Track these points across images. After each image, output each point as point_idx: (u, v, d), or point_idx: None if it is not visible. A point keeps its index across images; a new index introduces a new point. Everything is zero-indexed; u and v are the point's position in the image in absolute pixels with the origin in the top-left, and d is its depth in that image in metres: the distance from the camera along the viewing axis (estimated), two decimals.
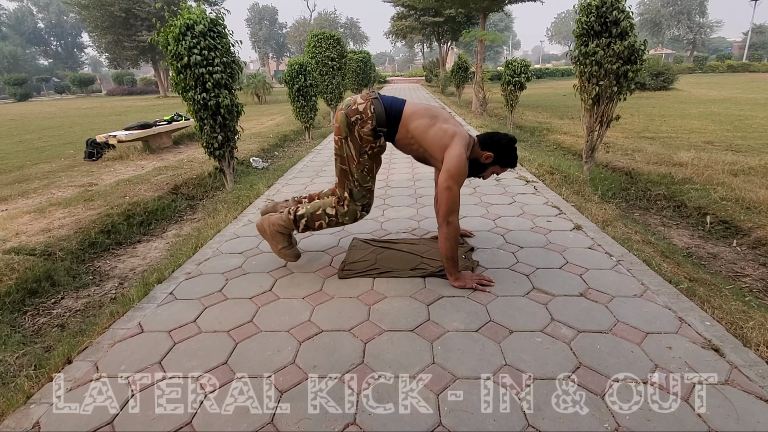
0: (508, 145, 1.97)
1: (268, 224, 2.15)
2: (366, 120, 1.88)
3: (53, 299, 2.24)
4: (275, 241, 2.15)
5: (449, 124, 1.93)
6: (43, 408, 1.32)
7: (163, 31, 3.48)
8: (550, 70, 35.50)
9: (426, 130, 1.89)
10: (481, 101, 9.45)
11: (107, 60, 28.61)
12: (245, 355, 1.53)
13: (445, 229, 1.86)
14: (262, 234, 2.20)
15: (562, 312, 1.72)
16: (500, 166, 2.02)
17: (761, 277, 2.31)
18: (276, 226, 2.13)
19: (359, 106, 1.89)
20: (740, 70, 30.93)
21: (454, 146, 1.84)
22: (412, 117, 1.92)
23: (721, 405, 1.23)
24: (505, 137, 1.99)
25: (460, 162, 1.82)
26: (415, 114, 1.92)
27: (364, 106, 1.88)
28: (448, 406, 1.26)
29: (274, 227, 2.13)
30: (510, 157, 1.99)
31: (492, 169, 2.03)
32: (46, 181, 4.60)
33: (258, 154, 5.70)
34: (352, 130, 1.90)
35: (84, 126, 10.60)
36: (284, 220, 2.12)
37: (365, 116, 1.88)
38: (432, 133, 1.89)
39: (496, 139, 1.98)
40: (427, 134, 1.89)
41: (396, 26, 24.70)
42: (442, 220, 1.87)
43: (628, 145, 5.60)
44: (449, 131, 1.88)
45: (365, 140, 1.91)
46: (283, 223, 2.12)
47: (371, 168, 2.00)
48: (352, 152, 1.93)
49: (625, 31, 3.27)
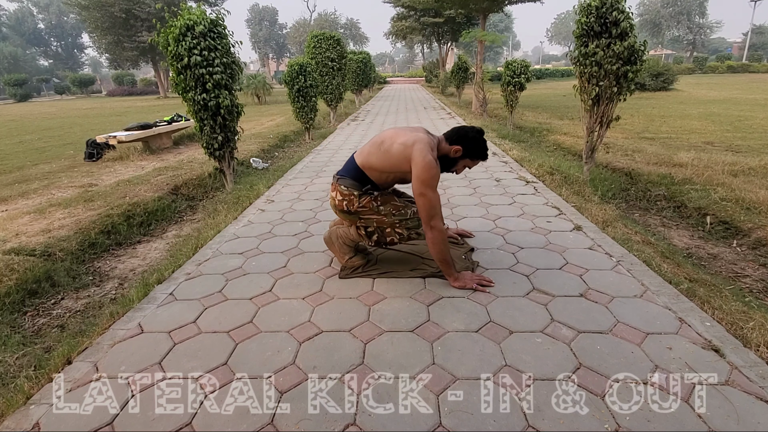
0: (475, 138, 1.98)
1: (336, 237, 2.20)
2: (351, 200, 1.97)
3: (53, 300, 2.24)
4: (342, 252, 2.19)
5: (403, 136, 1.92)
6: (43, 408, 1.32)
7: (163, 31, 3.48)
8: (550, 70, 35.54)
9: (386, 156, 1.91)
10: (481, 102, 9.45)
11: (107, 61, 28.63)
12: (245, 355, 1.53)
13: (430, 235, 1.86)
14: (329, 245, 2.24)
15: (562, 312, 1.72)
16: (470, 159, 2.02)
17: (761, 277, 2.31)
18: (345, 239, 2.17)
19: (337, 199, 2.01)
20: (740, 70, 30.95)
21: (416, 154, 1.83)
22: (367, 158, 1.97)
23: (721, 405, 1.23)
24: (472, 130, 2.00)
25: (427, 166, 1.81)
26: (368, 153, 1.98)
27: (336, 193, 2.01)
28: (448, 406, 1.26)
29: (341, 239, 2.18)
30: (479, 148, 1.99)
31: (463, 163, 2.03)
32: (46, 181, 4.60)
33: (258, 155, 5.70)
34: (354, 213, 2.01)
35: (84, 126, 10.61)
36: (354, 235, 2.14)
37: (347, 197, 1.98)
38: (393, 153, 1.89)
39: (462, 132, 1.99)
40: (389, 158, 1.91)
41: (396, 27, 24.71)
42: (425, 225, 1.87)
43: (628, 145, 5.60)
44: (408, 142, 1.88)
45: (368, 203, 1.98)
46: (354, 237, 2.15)
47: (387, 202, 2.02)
48: (372, 217, 2.01)
49: (624, 32, 3.27)
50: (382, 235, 2.06)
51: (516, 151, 5.02)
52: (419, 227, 2.03)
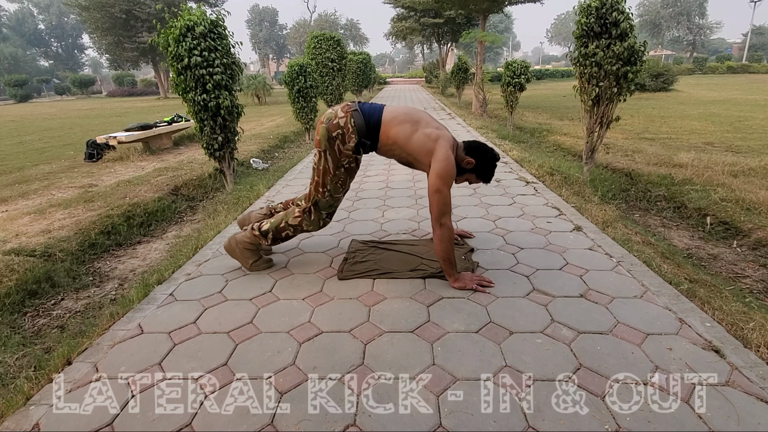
0: (491, 159, 2.02)
1: (235, 243, 2.17)
2: (348, 136, 1.89)
3: (53, 300, 2.24)
4: (244, 258, 2.17)
5: (431, 128, 1.93)
6: (43, 409, 1.32)
7: (163, 32, 3.48)
8: (550, 71, 35.54)
9: (409, 136, 1.90)
10: (481, 102, 9.45)
11: (107, 61, 28.66)
12: (245, 356, 1.53)
13: (438, 232, 1.86)
14: (231, 254, 2.20)
15: (562, 313, 1.72)
16: (476, 176, 2.04)
17: (762, 278, 2.31)
18: (243, 243, 2.16)
19: (340, 120, 1.90)
20: (740, 71, 30.96)
21: (439, 150, 1.85)
22: (392, 123, 1.92)
23: (721, 406, 1.23)
24: (491, 151, 2.03)
25: (448, 165, 1.83)
26: (395, 119, 1.93)
27: (344, 120, 1.89)
28: (448, 407, 1.26)
29: (241, 245, 2.16)
30: (489, 170, 2.03)
31: (468, 176, 2.05)
32: (46, 182, 4.60)
33: (258, 155, 5.71)
34: (332, 144, 1.92)
35: (84, 127, 10.61)
36: (249, 236, 2.15)
37: (347, 131, 1.89)
38: (416, 138, 1.89)
39: (483, 149, 2.02)
40: (410, 140, 1.90)
41: (396, 27, 24.73)
42: (435, 222, 1.87)
43: (628, 146, 5.60)
44: (433, 135, 1.89)
45: (344, 155, 1.93)
46: (249, 240, 2.15)
47: (345, 180, 2.03)
48: (329, 165, 1.96)
49: (624, 33, 3.28)
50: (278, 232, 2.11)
51: (516, 152, 5.02)
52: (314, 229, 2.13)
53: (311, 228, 2.14)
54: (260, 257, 2.21)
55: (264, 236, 2.14)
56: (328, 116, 1.93)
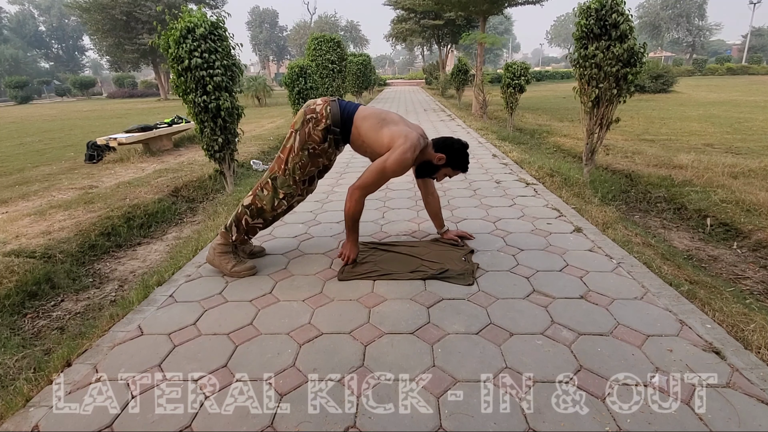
0: (459, 150, 2.12)
1: (212, 250, 2.17)
2: (320, 119, 2.00)
3: (53, 302, 2.24)
4: (224, 263, 2.14)
5: (399, 127, 2.02)
6: (43, 411, 1.31)
7: (163, 34, 3.49)
8: (549, 72, 35.60)
9: (374, 133, 2.00)
10: (481, 104, 9.46)
11: (108, 63, 28.77)
12: (245, 357, 1.53)
13: (348, 197, 2.01)
14: (211, 263, 2.18)
15: (562, 314, 1.72)
16: (452, 169, 2.15)
17: (762, 279, 2.31)
18: (217, 248, 2.15)
19: (317, 106, 2.03)
20: (739, 72, 31.02)
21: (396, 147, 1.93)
22: (363, 120, 2.04)
23: (722, 408, 1.23)
24: (458, 142, 2.14)
25: (397, 160, 1.91)
26: (366, 117, 2.04)
27: (321, 107, 2.02)
28: (448, 408, 1.26)
29: (216, 250, 2.15)
30: (461, 160, 2.13)
31: (444, 171, 2.17)
32: (46, 183, 4.60)
33: (258, 157, 5.71)
34: (304, 125, 2.02)
35: (85, 128, 10.63)
36: (219, 238, 2.17)
37: (320, 116, 2.00)
38: (380, 135, 1.99)
39: (449, 142, 2.13)
40: (374, 136, 2.00)
41: (396, 29, 24.80)
42: (351, 187, 2.01)
43: (627, 147, 5.61)
44: (396, 133, 1.97)
45: (311, 138, 2.02)
46: (221, 240, 2.16)
47: (305, 165, 2.08)
48: (295, 144, 2.04)
49: (624, 34, 3.28)
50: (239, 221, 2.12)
51: (516, 153, 5.03)
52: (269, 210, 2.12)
53: (265, 206, 2.11)
54: (240, 261, 2.18)
55: (228, 230, 2.15)
56: (308, 103, 2.08)
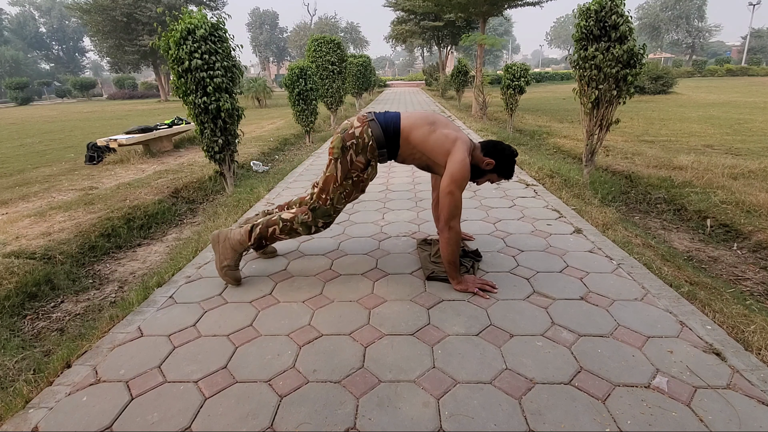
0: (510, 157, 2.00)
1: (224, 237, 2.07)
2: (363, 144, 1.88)
3: (53, 303, 2.24)
4: (223, 256, 2.05)
5: (449, 129, 1.94)
6: (42, 412, 1.31)
7: (164, 35, 3.49)
8: (549, 74, 35.59)
9: (427, 137, 1.90)
10: (481, 105, 9.47)
11: (108, 64, 28.76)
12: (245, 359, 1.52)
13: (446, 234, 1.85)
14: (214, 245, 2.08)
15: (562, 316, 1.71)
16: (498, 175, 2.04)
17: (762, 280, 2.31)
18: (231, 241, 2.05)
19: (356, 130, 1.89)
20: (739, 73, 31.04)
21: (456, 151, 1.84)
22: (412, 128, 1.92)
23: (722, 409, 1.22)
24: (509, 148, 2.01)
25: (463, 167, 1.82)
26: (414, 125, 1.93)
27: (360, 130, 1.89)
28: (448, 410, 1.26)
29: (228, 242, 2.05)
30: (509, 168, 2.02)
31: (489, 177, 2.05)
32: (46, 184, 4.60)
33: (258, 158, 5.71)
34: (345, 153, 1.90)
35: (85, 130, 10.63)
36: (241, 234, 2.05)
37: (362, 140, 1.89)
38: (433, 139, 1.89)
39: (500, 148, 2.00)
40: (428, 141, 1.90)
41: (396, 30, 24.83)
42: (444, 225, 1.86)
43: (627, 148, 5.60)
44: (450, 136, 1.89)
45: (355, 166, 1.92)
46: (239, 238, 2.05)
47: (350, 193, 2.00)
48: (337, 174, 1.93)
49: (624, 36, 3.28)
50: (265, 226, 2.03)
51: None
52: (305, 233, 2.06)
53: (301, 230, 2.05)
54: (236, 267, 2.09)
55: (252, 230, 2.05)
56: (344, 127, 1.95)
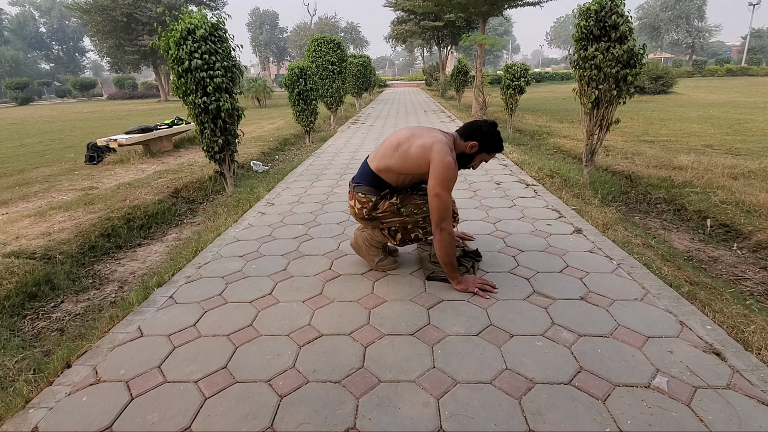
0: (490, 131, 1.97)
1: (362, 240, 2.20)
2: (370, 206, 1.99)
3: (53, 303, 2.24)
4: (371, 255, 2.19)
5: (424, 138, 1.90)
6: (42, 412, 1.31)
7: (164, 35, 3.49)
8: (549, 74, 35.60)
9: (405, 159, 1.90)
10: (481, 105, 9.47)
11: (108, 64, 28.76)
12: (245, 359, 1.52)
13: (438, 236, 1.85)
14: (357, 251, 2.25)
15: (562, 316, 1.71)
16: (487, 153, 2.02)
17: (762, 280, 2.31)
18: (370, 241, 2.18)
19: (357, 204, 2.02)
20: (739, 73, 31.03)
21: (435, 155, 1.83)
22: (382, 159, 1.97)
23: (722, 409, 1.22)
24: (485, 123, 1.99)
25: (444, 168, 1.81)
26: (383, 155, 1.97)
27: (358, 201, 2.01)
28: (448, 410, 1.26)
29: (368, 242, 2.18)
30: (494, 141, 1.99)
31: (480, 157, 2.03)
32: (46, 184, 4.60)
33: (258, 158, 5.71)
34: (371, 216, 2.02)
35: (85, 130, 10.63)
36: (377, 233, 2.16)
37: (367, 204, 2.00)
38: (411, 157, 1.89)
39: (476, 127, 1.98)
40: (407, 161, 1.90)
41: (396, 30, 24.81)
42: (435, 227, 1.86)
43: (627, 148, 5.60)
44: (426, 144, 1.86)
45: (387, 210, 2.00)
46: (380, 238, 2.16)
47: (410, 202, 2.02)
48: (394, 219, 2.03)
49: (624, 36, 3.28)
50: (406, 233, 2.08)
51: (516, 154, 5.03)
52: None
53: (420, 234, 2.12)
54: (387, 256, 2.22)
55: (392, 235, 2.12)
56: (350, 211, 2.11)
